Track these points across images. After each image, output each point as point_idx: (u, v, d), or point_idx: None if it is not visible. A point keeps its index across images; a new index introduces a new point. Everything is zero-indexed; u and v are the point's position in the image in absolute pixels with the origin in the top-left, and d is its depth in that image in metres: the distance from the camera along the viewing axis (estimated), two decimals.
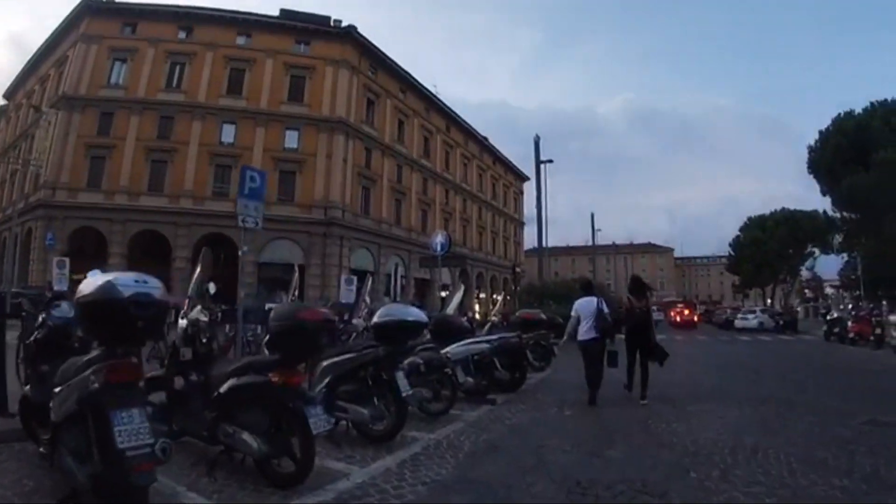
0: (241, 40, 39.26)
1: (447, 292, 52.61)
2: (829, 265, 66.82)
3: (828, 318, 26.92)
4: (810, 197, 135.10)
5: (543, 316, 13.32)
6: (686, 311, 48.70)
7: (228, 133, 37.71)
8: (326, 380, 6.25)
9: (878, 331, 20.59)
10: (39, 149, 33.01)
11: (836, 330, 24.89)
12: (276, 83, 38.84)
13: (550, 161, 31.93)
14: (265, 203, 32.11)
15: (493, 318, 14.71)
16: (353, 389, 6.29)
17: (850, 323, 23.65)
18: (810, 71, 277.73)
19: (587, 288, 9.92)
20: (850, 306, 27.22)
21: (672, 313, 50.81)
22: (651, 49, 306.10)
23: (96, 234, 34.68)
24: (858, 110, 36.40)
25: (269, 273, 35.86)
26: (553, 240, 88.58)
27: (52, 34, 41.32)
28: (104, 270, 3.89)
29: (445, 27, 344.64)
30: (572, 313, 9.37)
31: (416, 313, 6.85)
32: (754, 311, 41.43)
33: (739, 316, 40.77)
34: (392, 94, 45.42)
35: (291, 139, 38.44)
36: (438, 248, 15.91)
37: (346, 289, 16.32)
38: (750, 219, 69.42)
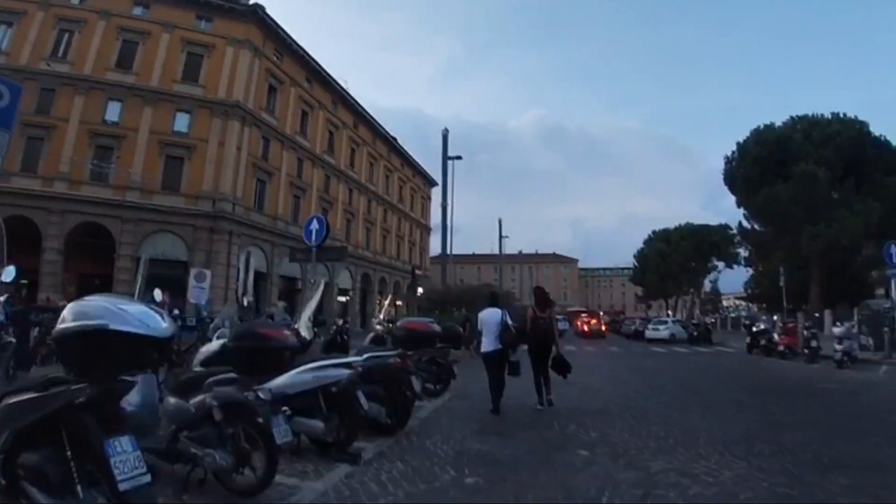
0: (137, 10, 35.40)
1: (346, 297, 50.67)
2: (727, 279, 69.12)
3: (753, 329, 25.26)
4: (707, 216, 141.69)
5: (436, 326, 10.57)
6: (593, 321, 47.26)
7: (114, 111, 33.57)
8: (5, 435, 3.13)
9: (813, 344, 19.23)
10: None
11: (763, 342, 23.34)
12: (170, 60, 35.00)
13: (459, 157, 29.88)
14: (146, 191, 28.26)
15: (378, 328, 12.64)
16: (42, 461, 3.13)
17: (777, 335, 22.30)
18: (711, 98, 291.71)
19: (492, 299, 9.87)
20: (774, 318, 26.35)
21: (578, 323, 49.54)
22: (563, 68, 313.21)
23: None
24: (778, 123, 36.92)
25: (149, 270, 32.70)
26: (459, 248, 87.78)
27: None
28: None
29: (363, 27, 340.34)
30: (478, 326, 9.33)
31: (138, 318, 3.07)
32: (665, 322, 39.92)
33: (650, 326, 38.92)
34: (297, 82, 42.12)
35: (182, 122, 34.73)
36: (313, 238, 12.08)
37: (196, 286, 12.75)
38: (654, 232, 70.82)
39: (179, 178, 34.18)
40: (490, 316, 9.08)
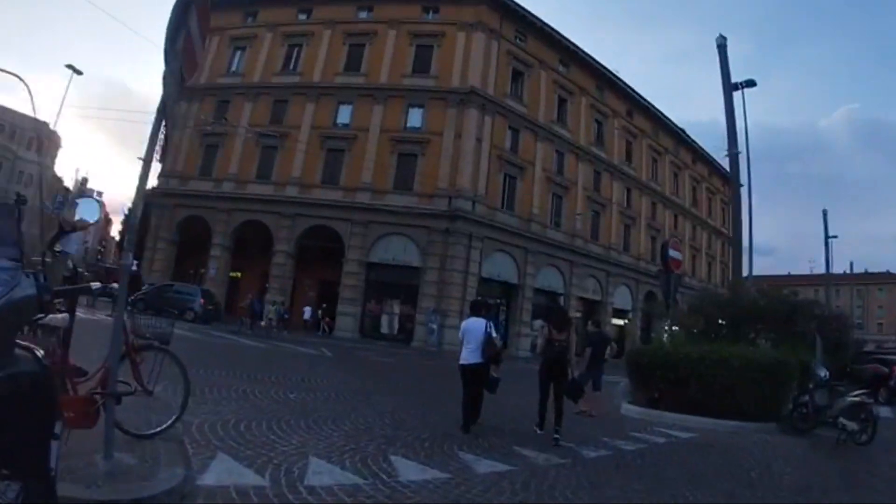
0: (361, 14, 34.63)
1: (625, 320, 41.31)
2: None
3: None
4: None
5: None
6: None
7: (344, 114, 32.97)
8: None
9: None
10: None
11: None
12: (398, 56, 32.92)
13: (753, 84, 21.02)
14: (378, 192, 31.54)
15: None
16: None
17: None
18: None
19: (476, 308, 8.81)
20: None
21: None
22: (873, 51, 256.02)
23: (203, 223, 33.36)
24: None
25: (379, 276, 30.10)
26: (771, 271, 75.51)
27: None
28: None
29: (642, 43, 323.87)
30: (459, 335, 8.38)
31: None
32: None
33: None
34: (548, 65, 35.73)
35: (415, 118, 31.85)
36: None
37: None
38: None
39: (412, 177, 31.15)
40: (474, 325, 8.13)
